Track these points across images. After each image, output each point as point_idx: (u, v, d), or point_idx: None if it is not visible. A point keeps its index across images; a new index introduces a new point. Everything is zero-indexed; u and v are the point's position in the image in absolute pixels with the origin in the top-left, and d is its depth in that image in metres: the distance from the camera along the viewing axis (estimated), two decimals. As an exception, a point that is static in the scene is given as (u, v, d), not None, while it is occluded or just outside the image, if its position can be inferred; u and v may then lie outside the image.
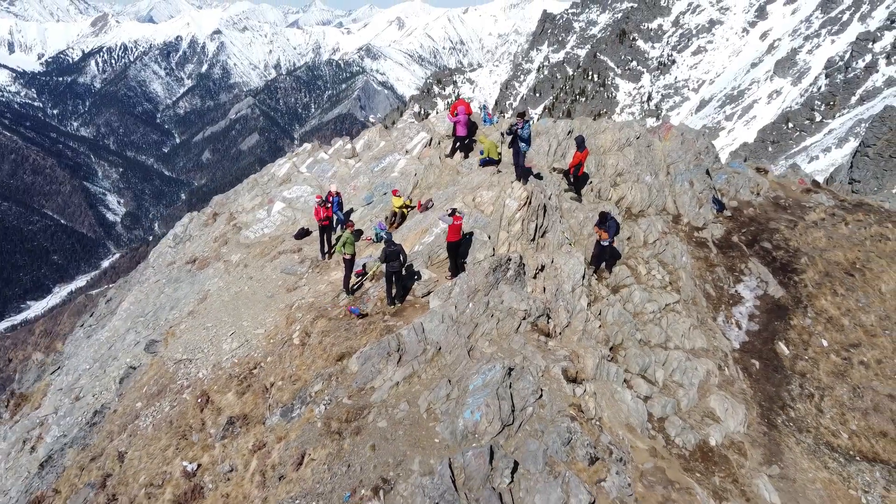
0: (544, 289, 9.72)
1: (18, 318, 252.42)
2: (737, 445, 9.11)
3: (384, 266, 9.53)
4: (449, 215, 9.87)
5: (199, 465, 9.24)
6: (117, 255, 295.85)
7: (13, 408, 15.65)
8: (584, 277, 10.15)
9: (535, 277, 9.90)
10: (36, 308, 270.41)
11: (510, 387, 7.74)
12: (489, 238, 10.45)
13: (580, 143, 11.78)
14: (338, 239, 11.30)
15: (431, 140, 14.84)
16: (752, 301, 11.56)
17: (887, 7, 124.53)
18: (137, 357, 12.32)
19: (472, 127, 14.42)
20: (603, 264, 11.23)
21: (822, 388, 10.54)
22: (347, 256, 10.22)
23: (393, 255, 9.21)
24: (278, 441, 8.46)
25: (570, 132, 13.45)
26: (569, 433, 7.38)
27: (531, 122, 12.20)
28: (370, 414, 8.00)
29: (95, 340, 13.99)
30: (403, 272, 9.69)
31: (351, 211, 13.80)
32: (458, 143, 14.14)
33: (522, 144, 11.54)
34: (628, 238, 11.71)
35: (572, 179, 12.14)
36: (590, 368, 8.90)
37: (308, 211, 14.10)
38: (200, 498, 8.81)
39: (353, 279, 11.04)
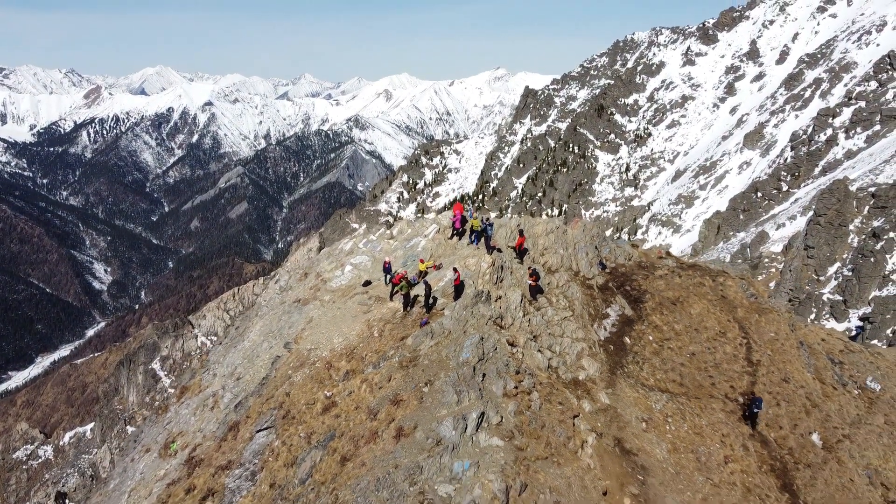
0: (500, 307, 20.39)
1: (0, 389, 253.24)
2: (592, 380, 19.57)
3: (425, 294, 20.32)
4: (455, 272, 20.62)
5: (332, 393, 19.35)
6: (102, 324, 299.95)
7: (178, 394, 25.57)
8: (521, 302, 20.85)
9: (496, 301, 20.59)
10: (17, 378, 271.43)
11: (482, 344, 18.20)
12: (472, 282, 21.25)
13: (521, 232, 22.84)
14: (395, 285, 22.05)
15: (440, 229, 25.89)
16: (615, 317, 22.26)
17: (845, 85, 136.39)
18: (276, 353, 22.63)
19: (463, 220, 25.48)
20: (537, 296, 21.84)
21: (645, 359, 21.10)
22: (404, 292, 20.94)
23: (430, 289, 19.96)
24: (375, 375, 18.70)
25: (518, 225, 24.52)
26: (507, 361, 17.84)
27: (493, 224, 23.28)
28: (419, 358, 18.39)
29: (240, 349, 24.26)
30: (431, 299, 20.40)
31: (395, 272, 24.49)
32: (454, 231, 25.17)
33: (489, 230, 22.72)
34: (548, 283, 22.50)
35: (517, 252, 23.07)
36: (521, 342, 19.47)
37: (367, 270, 24.91)
38: (336, 406, 18.86)
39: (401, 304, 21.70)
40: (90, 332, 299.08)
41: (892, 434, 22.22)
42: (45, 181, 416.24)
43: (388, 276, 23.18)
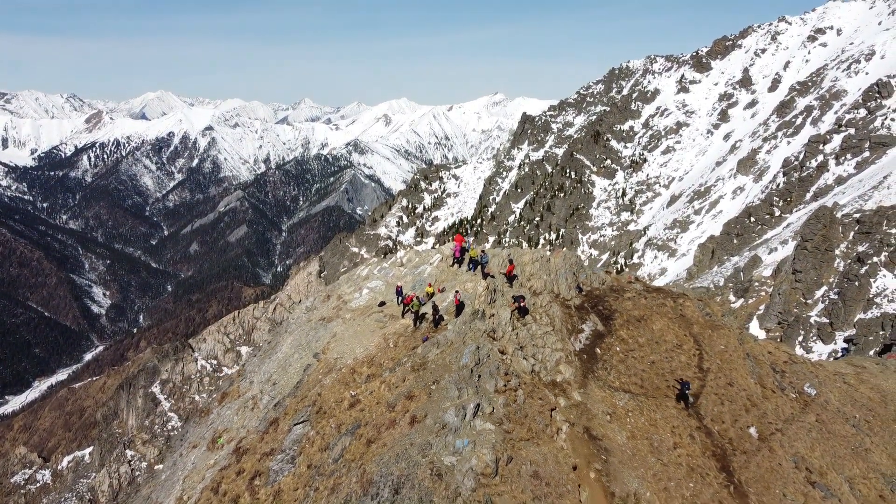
0: (493, 322, 25.34)
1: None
2: (568, 382, 24.43)
3: (432, 312, 25.29)
4: (456, 294, 25.61)
5: (357, 393, 24.14)
6: (101, 348, 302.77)
7: (220, 398, 30.31)
8: (510, 319, 25.80)
9: (489, 318, 25.55)
10: (14, 403, 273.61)
11: (478, 352, 23.08)
12: (470, 302, 26.24)
13: (511, 261, 27.93)
14: (407, 304, 27.03)
15: (443, 258, 30.99)
16: (588, 331, 27.20)
17: (835, 112, 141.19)
18: (306, 362, 27.47)
19: (463, 251, 30.56)
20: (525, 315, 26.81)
21: (612, 366, 25.98)
22: (415, 310, 25.92)
23: (436, 308, 24.98)
24: (392, 377, 23.53)
25: (508, 255, 29.60)
26: (498, 366, 22.72)
27: (487, 255, 28.38)
28: (428, 363, 23.26)
29: (274, 359, 29.11)
30: (437, 316, 25.38)
31: (406, 294, 29.52)
32: (455, 260, 30.24)
33: (484, 260, 27.81)
34: (533, 304, 27.48)
35: (508, 278, 28.10)
36: (510, 351, 24.39)
37: (382, 293, 29.91)
38: (360, 402, 23.64)
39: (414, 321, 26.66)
40: (88, 356, 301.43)
41: (821, 430, 27.03)
42: (45, 205, 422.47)
43: (400, 298, 28.19)
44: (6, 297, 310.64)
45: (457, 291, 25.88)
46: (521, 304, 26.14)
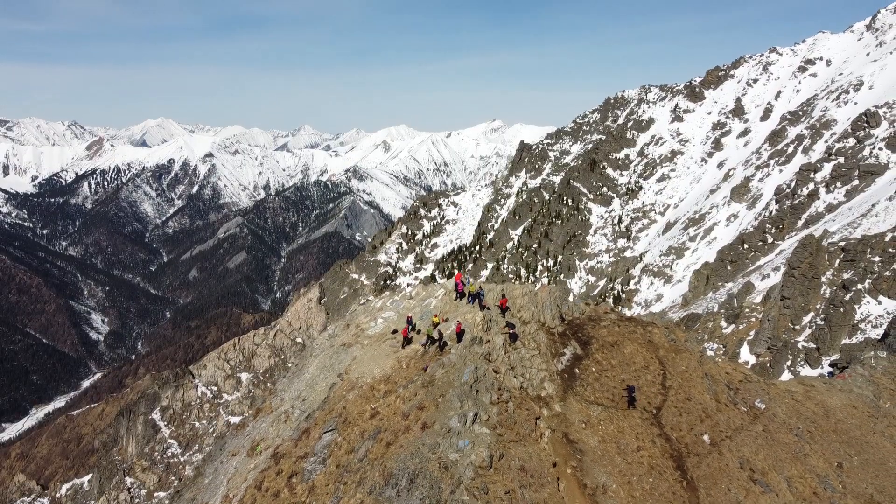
0: (489, 347, 30.98)
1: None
2: (550, 396, 29.96)
3: (438, 338, 30.98)
4: (457, 323, 31.30)
5: (376, 406, 29.60)
6: (99, 375, 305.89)
7: (255, 413, 35.68)
8: (503, 344, 31.44)
9: (486, 343, 31.19)
10: (11, 430, 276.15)
11: (477, 371, 28.65)
12: (470, 330, 31.94)
13: (503, 295, 33.70)
14: (417, 331, 32.70)
15: (446, 292, 36.75)
16: (569, 355, 32.81)
17: (825, 141, 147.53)
18: (331, 381, 33.00)
19: (463, 285, 36.33)
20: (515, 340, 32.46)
21: (588, 383, 31.53)
22: (423, 339, 31.57)
23: (441, 335, 30.64)
24: (406, 392, 29.01)
25: (502, 290, 35.35)
26: (493, 382, 28.28)
27: (483, 290, 34.16)
28: (435, 381, 28.82)
29: (302, 379, 34.62)
30: (442, 342, 31.03)
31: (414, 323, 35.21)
32: (457, 294, 36.01)
33: (481, 294, 33.59)
34: (522, 331, 33.15)
35: (501, 309, 33.88)
36: (503, 371, 29.99)
37: (394, 322, 35.59)
38: (379, 413, 29.08)
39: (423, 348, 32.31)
40: (86, 384, 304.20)
41: (766, 437, 32.49)
42: (45, 231, 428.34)
43: (410, 327, 33.93)
44: (4, 324, 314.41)
45: (458, 321, 31.56)
46: (512, 332, 31.81)
